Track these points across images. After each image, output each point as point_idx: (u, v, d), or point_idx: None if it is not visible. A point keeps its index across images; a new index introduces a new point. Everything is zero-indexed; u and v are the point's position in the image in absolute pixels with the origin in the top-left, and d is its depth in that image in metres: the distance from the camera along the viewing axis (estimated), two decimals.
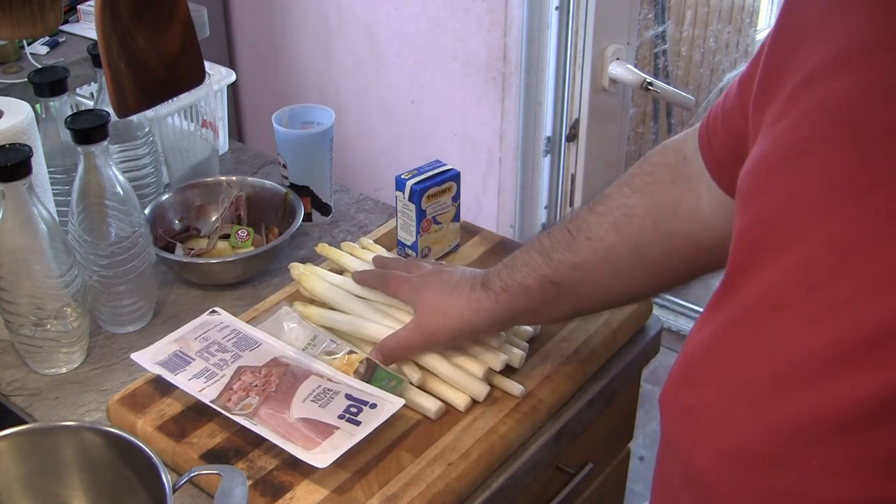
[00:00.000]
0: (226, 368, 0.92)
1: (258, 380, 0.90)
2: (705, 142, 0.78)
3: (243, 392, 0.89)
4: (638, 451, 2.17)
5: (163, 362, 0.93)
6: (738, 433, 0.61)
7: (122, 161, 1.18)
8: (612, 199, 0.85)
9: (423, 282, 0.94)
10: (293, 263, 1.08)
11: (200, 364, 0.93)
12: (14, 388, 1.00)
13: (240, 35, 2.03)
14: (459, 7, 1.65)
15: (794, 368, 0.57)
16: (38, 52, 1.40)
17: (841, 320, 0.55)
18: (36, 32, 0.94)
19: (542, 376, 0.96)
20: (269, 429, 0.85)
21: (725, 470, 0.61)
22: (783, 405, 0.58)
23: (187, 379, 0.91)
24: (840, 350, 0.55)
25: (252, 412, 0.87)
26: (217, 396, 0.89)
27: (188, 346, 0.95)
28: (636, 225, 0.83)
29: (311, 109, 1.26)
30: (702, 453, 0.63)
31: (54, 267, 0.95)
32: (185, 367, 0.92)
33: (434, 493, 0.83)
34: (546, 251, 0.87)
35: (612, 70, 1.65)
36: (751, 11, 3.36)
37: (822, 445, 0.56)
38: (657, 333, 1.08)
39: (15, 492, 0.82)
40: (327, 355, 0.94)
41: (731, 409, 0.61)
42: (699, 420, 0.64)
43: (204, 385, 0.90)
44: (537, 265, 0.87)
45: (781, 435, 0.58)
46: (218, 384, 0.90)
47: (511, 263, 0.89)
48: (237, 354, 0.94)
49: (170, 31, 0.96)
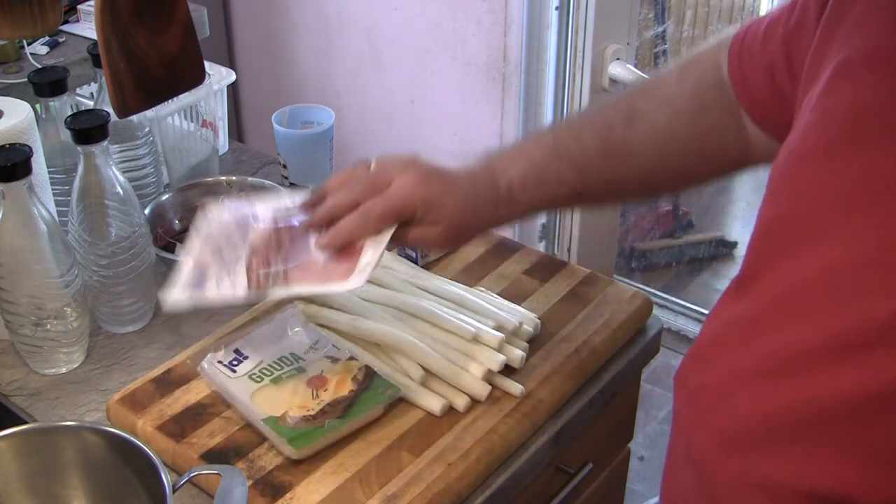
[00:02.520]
0: (241, 255, 0.88)
1: (271, 246, 0.87)
2: (738, 78, 0.76)
3: (264, 265, 0.86)
4: (638, 451, 2.17)
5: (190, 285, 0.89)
6: (735, 416, 0.62)
7: (122, 161, 1.18)
8: (655, 120, 0.82)
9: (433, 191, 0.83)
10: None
11: (219, 266, 0.89)
12: (14, 388, 1.00)
13: (240, 35, 2.03)
14: (459, 7, 1.65)
15: (789, 360, 0.59)
16: (38, 52, 1.40)
17: (850, 313, 0.56)
18: (36, 32, 0.94)
19: (542, 376, 0.96)
20: (305, 284, 0.82)
21: (720, 450, 0.63)
22: (776, 393, 0.59)
23: (217, 288, 0.87)
24: (844, 342, 0.56)
25: (284, 280, 0.84)
26: (248, 285, 0.85)
27: (203, 257, 0.90)
28: (682, 151, 0.82)
29: (311, 109, 1.26)
30: (702, 432, 0.65)
31: (54, 267, 0.95)
32: (208, 278, 0.88)
33: (434, 493, 0.83)
34: (579, 165, 0.83)
35: (612, 70, 1.65)
36: (751, 11, 3.36)
37: (806, 434, 0.57)
38: (657, 333, 1.08)
39: (15, 492, 0.82)
40: (328, 359, 0.94)
41: (731, 393, 0.63)
42: (702, 400, 0.65)
43: (232, 283, 0.87)
44: (570, 180, 0.84)
45: (772, 422, 0.59)
46: (242, 272, 0.87)
47: (538, 174, 0.84)
48: (244, 235, 0.90)
49: (170, 31, 0.96)
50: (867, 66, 0.59)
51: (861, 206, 0.57)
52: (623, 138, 0.82)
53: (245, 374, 0.92)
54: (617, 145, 0.82)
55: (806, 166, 0.61)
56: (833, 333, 0.57)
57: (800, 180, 0.62)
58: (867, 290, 0.56)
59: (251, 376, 0.92)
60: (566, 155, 0.83)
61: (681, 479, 0.69)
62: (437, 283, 1.04)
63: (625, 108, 0.84)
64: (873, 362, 0.54)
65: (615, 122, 0.83)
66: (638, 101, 0.84)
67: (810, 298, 0.59)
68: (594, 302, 1.06)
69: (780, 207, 0.63)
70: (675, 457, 0.71)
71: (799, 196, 0.61)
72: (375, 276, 1.05)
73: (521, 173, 0.84)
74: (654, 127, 0.82)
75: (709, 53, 0.82)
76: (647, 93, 0.84)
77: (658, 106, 0.82)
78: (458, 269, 1.12)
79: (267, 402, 0.89)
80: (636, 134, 0.82)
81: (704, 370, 0.67)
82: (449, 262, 1.13)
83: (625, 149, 0.82)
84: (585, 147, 0.83)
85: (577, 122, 0.86)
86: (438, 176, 0.84)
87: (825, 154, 0.60)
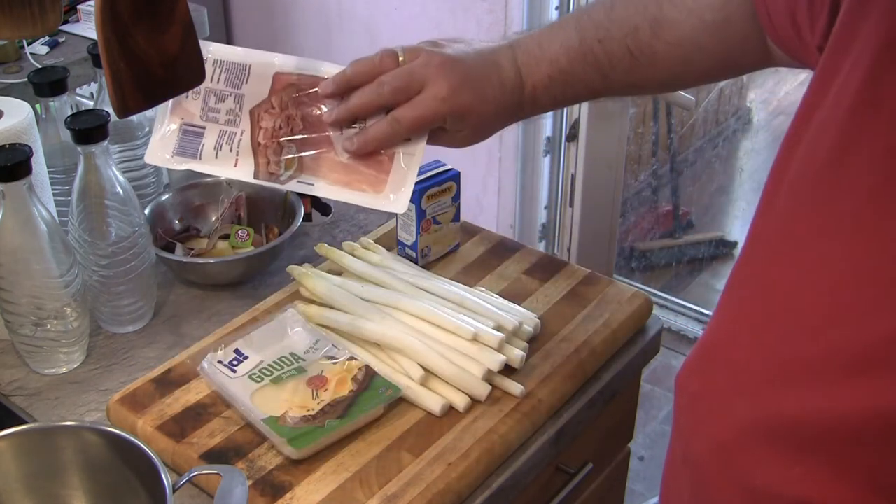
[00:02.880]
0: (240, 121, 0.82)
1: (279, 118, 0.82)
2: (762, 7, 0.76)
3: (275, 144, 0.81)
4: (638, 451, 2.18)
5: (178, 150, 0.83)
6: (732, 425, 0.61)
7: (122, 161, 1.18)
8: (682, 31, 0.82)
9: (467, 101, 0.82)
10: (291, 266, 1.07)
11: (214, 130, 0.83)
12: (14, 388, 1.00)
13: (240, 35, 2.03)
14: (459, 7, 1.65)
15: (789, 372, 0.58)
16: (38, 52, 1.41)
17: (841, 333, 0.55)
18: (36, 32, 0.94)
19: (542, 376, 0.96)
20: (328, 182, 0.79)
21: (716, 458, 0.62)
22: (774, 405, 0.58)
23: (214, 158, 0.81)
24: (834, 363, 0.55)
25: (299, 167, 0.80)
26: (256, 169, 0.80)
27: (189, 114, 0.84)
28: (706, 60, 0.83)
29: None
30: (699, 439, 0.64)
31: (54, 267, 0.95)
32: (202, 143, 0.82)
33: (434, 493, 0.83)
34: (603, 69, 0.84)
35: None
36: None
37: (804, 450, 0.56)
38: (657, 333, 1.08)
39: (15, 492, 0.82)
40: (328, 360, 0.94)
41: (730, 401, 0.62)
42: (701, 406, 0.65)
43: (234, 157, 0.81)
44: (593, 84, 0.85)
45: (769, 434, 0.59)
46: (245, 149, 0.81)
47: (563, 78, 0.85)
48: (238, 95, 0.84)
49: (170, 31, 0.96)
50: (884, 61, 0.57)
51: (870, 219, 0.56)
52: (649, 45, 0.83)
53: (245, 374, 0.92)
54: (643, 51, 0.83)
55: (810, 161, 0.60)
56: (833, 349, 0.56)
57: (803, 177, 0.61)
58: (869, 308, 0.55)
59: (251, 376, 0.92)
60: (592, 59, 0.84)
61: (678, 481, 0.69)
62: (437, 283, 1.04)
63: (653, 13, 0.84)
64: (874, 383, 0.54)
65: (642, 27, 0.83)
66: (665, 6, 0.84)
67: (812, 311, 0.58)
68: (594, 302, 1.06)
69: (781, 205, 0.62)
70: (674, 459, 0.71)
71: (801, 192, 0.60)
72: (375, 276, 1.05)
73: (545, 77, 0.85)
74: (681, 36, 0.82)
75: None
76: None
77: (686, 15, 0.82)
78: (458, 269, 1.12)
79: (267, 402, 0.89)
80: (662, 42, 0.83)
81: (704, 376, 0.66)
82: (449, 262, 1.14)
83: (651, 55, 0.83)
84: (611, 51, 0.84)
85: (602, 16, 0.85)
86: (470, 83, 0.83)
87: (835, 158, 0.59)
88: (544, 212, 1.80)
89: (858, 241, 0.56)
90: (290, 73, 0.84)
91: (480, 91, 0.83)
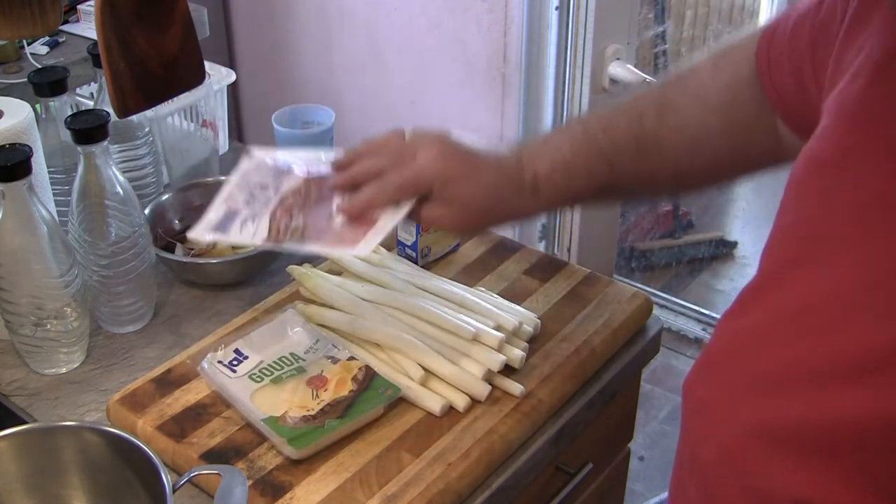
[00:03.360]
0: (270, 203, 0.90)
1: (298, 198, 0.88)
2: (765, 75, 0.76)
3: (287, 217, 0.87)
4: (638, 451, 2.17)
5: (216, 226, 0.91)
6: (738, 430, 0.61)
7: (122, 161, 1.18)
8: (687, 115, 0.81)
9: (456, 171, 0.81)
10: (291, 266, 1.07)
11: (247, 212, 0.91)
12: (14, 388, 1.00)
13: (240, 35, 2.03)
14: (459, 7, 1.65)
15: (795, 377, 0.58)
16: (38, 52, 1.40)
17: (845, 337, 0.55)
18: (36, 32, 0.94)
19: (542, 376, 0.96)
20: (321, 244, 0.84)
21: (722, 462, 0.62)
22: (781, 410, 0.58)
23: (239, 231, 0.89)
24: (838, 367, 0.55)
25: (300, 236, 0.85)
26: (267, 235, 0.87)
27: (235, 202, 0.92)
28: (713, 144, 0.81)
29: (311, 109, 1.26)
30: (706, 444, 0.64)
31: (54, 267, 0.95)
32: (233, 221, 0.90)
33: (434, 493, 0.83)
34: (608, 157, 0.82)
35: (612, 70, 1.65)
36: (751, 11, 3.36)
37: (810, 455, 0.56)
38: (657, 333, 1.08)
39: (15, 492, 0.82)
40: (328, 359, 0.94)
41: (736, 406, 0.62)
42: (708, 412, 0.65)
43: (254, 228, 0.88)
44: (599, 173, 0.82)
45: (775, 438, 0.59)
46: (265, 220, 0.88)
47: (566, 168, 0.82)
48: (277, 185, 0.91)
49: (170, 31, 0.96)
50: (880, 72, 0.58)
51: (875, 224, 0.56)
52: (655, 130, 0.81)
53: (245, 374, 0.92)
54: (649, 137, 0.81)
55: (819, 175, 0.60)
56: (839, 354, 0.56)
57: (813, 190, 0.61)
58: (875, 314, 0.55)
59: (251, 376, 0.92)
60: (595, 147, 0.82)
61: (686, 486, 0.69)
62: (437, 283, 1.04)
63: (657, 99, 0.83)
64: (876, 387, 0.54)
65: (647, 113, 0.82)
66: (670, 92, 0.83)
67: (819, 316, 0.58)
68: (594, 302, 1.06)
69: (793, 217, 0.62)
70: (681, 464, 0.71)
71: (811, 207, 0.61)
72: (375, 275, 1.05)
73: (548, 165, 0.83)
74: (687, 120, 0.81)
75: (743, 45, 0.81)
76: (680, 84, 0.83)
77: (691, 99, 0.81)
78: (458, 269, 1.12)
79: (267, 402, 0.89)
80: (668, 126, 0.81)
81: (711, 381, 0.66)
82: (449, 262, 1.14)
83: (656, 141, 0.81)
84: (616, 139, 0.82)
85: (607, 112, 0.85)
86: (463, 155, 0.83)
87: (840, 163, 0.59)
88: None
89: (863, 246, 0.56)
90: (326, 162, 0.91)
91: (472, 165, 0.82)
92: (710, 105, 0.80)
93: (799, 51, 0.72)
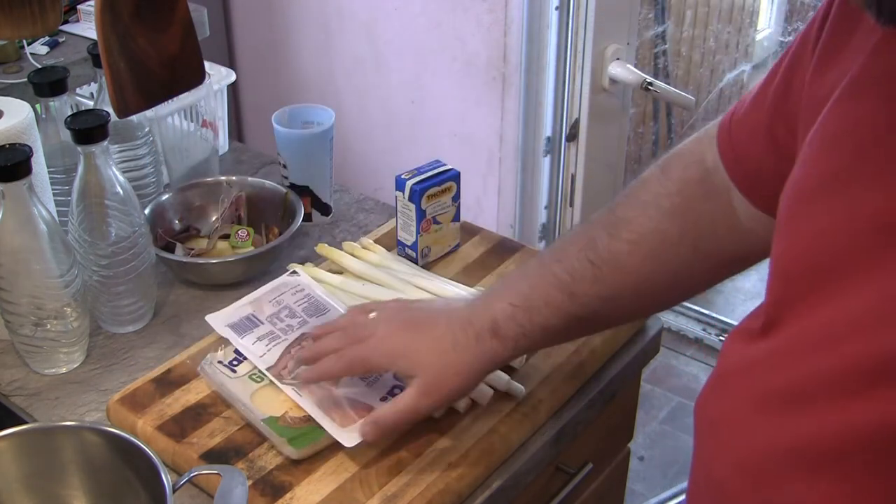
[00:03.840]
0: (290, 333, 0.96)
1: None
2: (729, 156, 0.74)
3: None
4: (638, 451, 2.17)
5: (233, 325, 0.97)
6: (753, 447, 0.61)
7: (122, 161, 1.18)
8: (641, 225, 0.79)
9: (407, 345, 0.83)
10: (292, 265, 1.07)
11: (267, 328, 0.97)
12: (14, 388, 1.00)
13: (240, 35, 2.03)
14: (459, 7, 1.65)
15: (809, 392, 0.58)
16: (38, 52, 1.40)
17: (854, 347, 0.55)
18: (36, 32, 0.94)
19: (542, 376, 0.96)
20: (313, 402, 0.88)
21: (738, 481, 0.62)
22: (796, 426, 0.58)
23: (251, 343, 0.94)
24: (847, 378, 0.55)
25: (297, 385, 0.89)
26: (274, 363, 0.92)
27: (261, 310, 0.99)
28: (674, 251, 0.78)
29: (311, 109, 1.26)
30: (720, 463, 0.64)
31: (54, 267, 0.95)
32: (251, 330, 0.96)
33: (434, 493, 0.83)
34: (567, 286, 0.79)
35: (612, 70, 1.65)
36: (751, 11, 3.36)
37: (827, 468, 0.56)
38: (657, 333, 1.08)
39: (15, 492, 0.82)
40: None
41: (752, 424, 0.62)
42: (721, 431, 0.65)
43: (265, 350, 0.94)
44: (560, 304, 0.79)
45: (793, 454, 0.58)
46: (279, 348, 0.94)
47: (526, 304, 0.80)
48: (304, 321, 0.98)
49: (170, 31, 0.96)
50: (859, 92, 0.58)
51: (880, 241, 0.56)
52: (609, 248, 0.79)
53: (245, 375, 0.92)
54: (604, 257, 0.79)
55: (814, 200, 0.59)
56: (854, 366, 0.56)
57: (810, 216, 0.60)
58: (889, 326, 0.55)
59: (251, 376, 0.92)
60: (552, 278, 0.80)
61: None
62: (437, 283, 1.04)
63: (607, 221, 0.81)
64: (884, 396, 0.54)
65: (598, 236, 0.80)
66: (620, 210, 0.81)
67: (833, 334, 0.57)
68: None
69: (795, 246, 0.61)
70: (696, 483, 0.70)
71: (812, 233, 0.59)
72: (375, 275, 1.05)
73: (506, 305, 0.81)
74: (641, 230, 0.78)
75: (689, 148, 0.80)
76: (628, 199, 0.81)
77: (642, 209, 0.79)
78: (458, 269, 1.12)
79: (267, 403, 0.89)
80: (622, 241, 0.78)
81: (724, 400, 0.66)
82: (449, 262, 1.14)
83: (613, 258, 0.78)
84: (570, 266, 0.79)
85: (559, 244, 0.84)
86: (414, 325, 0.84)
87: (832, 186, 0.58)
88: (544, 212, 1.80)
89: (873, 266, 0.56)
90: None
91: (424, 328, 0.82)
92: (663, 210, 0.78)
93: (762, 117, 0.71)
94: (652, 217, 0.78)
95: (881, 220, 0.55)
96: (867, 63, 0.58)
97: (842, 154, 0.58)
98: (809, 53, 0.65)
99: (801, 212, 0.61)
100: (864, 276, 0.56)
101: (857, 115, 0.58)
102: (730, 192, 0.76)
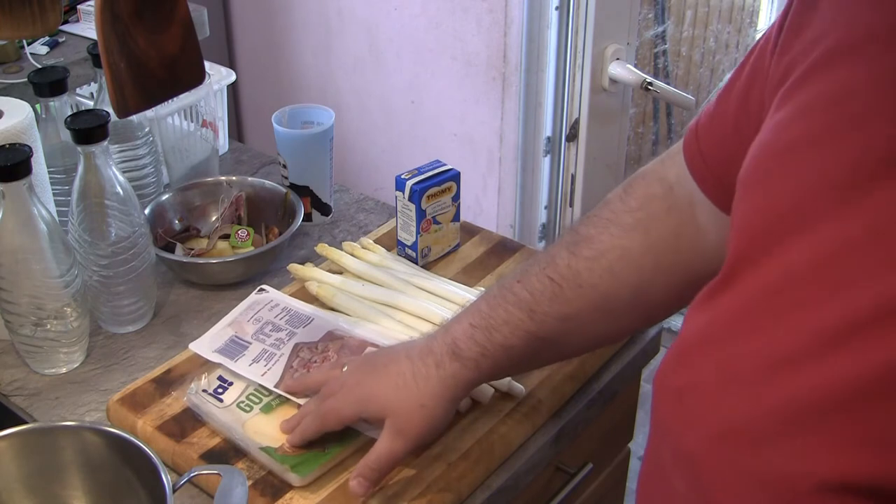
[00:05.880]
0: (283, 347, 0.95)
1: (316, 355, 0.93)
2: (697, 160, 0.75)
3: (304, 369, 0.92)
4: (638, 451, 2.17)
5: (221, 349, 0.95)
6: (729, 414, 0.61)
7: (122, 161, 1.18)
8: (601, 241, 0.78)
9: (370, 389, 0.81)
10: (292, 265, 1.07)
11: (258, 347, 0.95)
12: (14, 388, 1.00)
13: (240, 35, 2.03)
14: (459, 7, 1.65)
15: (790, 349, 0.58)
16: (38, 52, 1.40)
17: (840, 301, 0.56)
18: (36, 32, 0.94)
19: (542, 376, 0.96)
20: None
21: (714, 450, 0.62)
22: (777, 387, 0.59)
23: (248, 365, 0.93)
24: (837, 329, 0.56)
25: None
26: (279, 379, 0.91)
27: (243, 330, 0.98)
28: (635, 266, 0.78)
29: (311, 109, 1.26)
30: (692, 434, 0.64)
31: (54, 267, 0.95)
32: (243, 353, 0.95)
33: (434, 493, 0.83)
34: (527, 305, 0.78)
35: (612, 70, 1.65)
36: (751, 11, 3.36)
37: (810, 425, 0.57)
38: (657, 333, 1.08)
39: (15, 492, 0.82)
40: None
41: (724, 391, 0.62)
42: (690, 401, 0.64)
43: (265, 369, 0.93)
44: (520, 322, 0.78)
45: (772, 416, 0.59)
46: (278, 365, 0.93)
47: (485, 323, 0.79)
48: (292, 332, 0.97)
49: (170, 31, 0.96)
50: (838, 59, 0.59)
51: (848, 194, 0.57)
52: (569, 266, 0.78)
53: (233, 404, 0.90)
54: (564, 275, 0.78)
55: (786, 158, 0.60)
56: (825, 322, 0.56)
57: (780, 173, 0.61)
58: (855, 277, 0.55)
59: (239, 405, 0.90)
60: (512, 297, 0.79)
61: (667, 487, 0.68)
62: (437, 283, 1.04)
63: (569, 239, 0.80)
64: (864, 347, 0.54)
65: (559, 254, 0.79)
66: (581, 228, 0.80)
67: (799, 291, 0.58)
68: None
69: (760, 201, 0.62)
70: (659, 464, 0.69)
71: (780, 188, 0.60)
72: (375, 276, 1.05)
73: (466, 326, 0.80)
74: (601, 246, 0.78)
75: (652, 168, 0.80)
76: (591, 218, 0.81)
77: (604, 226, 0.79)
78: (458, 269, 1.12)
79: (260, 433, 0.87)
80: (583, 258, 0.78)
81: (692, 370, 0.65)
82: (449, 262, 1.14)
83: (572, 275, 0.77)
84: (531, 284, 0.79)
85: (523, 265, 0.83)
86: (377, 368, 0.82)
87: (807, 144, 0.59)
88: (544, 212, 1.80)
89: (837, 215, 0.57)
90: (342, 332, 0.96)
91: (384, 369, 0.81)
92: (624, 226, 0.78)
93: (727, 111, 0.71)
94: (613, 234, 0.78)
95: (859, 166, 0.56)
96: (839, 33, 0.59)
97: (823, 113, 0.59)
98: (772, 46, 0.66)
99: (773, 168, 0.61)
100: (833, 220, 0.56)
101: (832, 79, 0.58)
102: (694, 207, 0.76)
